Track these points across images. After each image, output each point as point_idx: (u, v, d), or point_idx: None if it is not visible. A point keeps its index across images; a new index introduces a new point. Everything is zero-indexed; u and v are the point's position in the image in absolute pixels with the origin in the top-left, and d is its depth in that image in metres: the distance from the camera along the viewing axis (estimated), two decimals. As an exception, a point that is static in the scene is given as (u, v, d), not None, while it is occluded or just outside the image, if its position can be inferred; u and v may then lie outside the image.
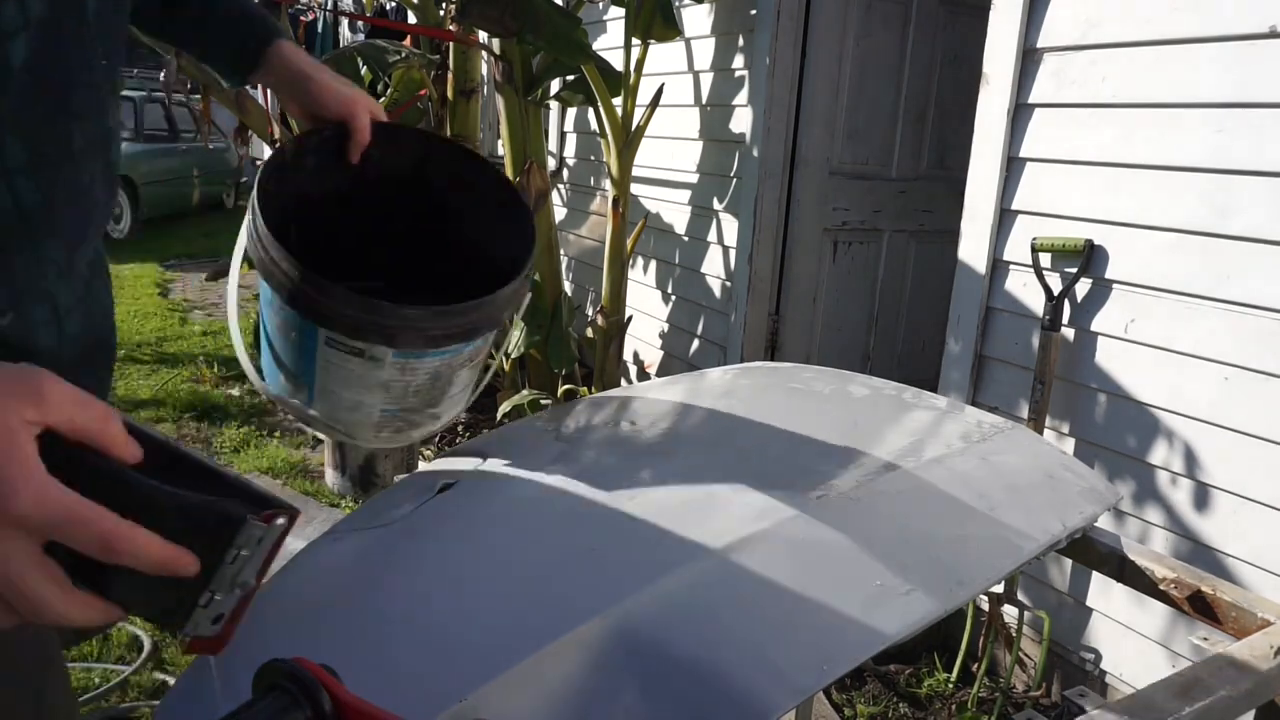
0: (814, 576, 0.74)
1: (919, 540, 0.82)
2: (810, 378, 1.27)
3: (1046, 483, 0.99)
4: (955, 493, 0.90)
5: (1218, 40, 1.83)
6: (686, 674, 0.63)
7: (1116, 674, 2.14)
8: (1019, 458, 1.03)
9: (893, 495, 0.87)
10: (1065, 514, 0.93)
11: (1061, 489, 0.99)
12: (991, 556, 0.82)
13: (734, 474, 0.90)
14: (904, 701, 2.31)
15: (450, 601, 0.72)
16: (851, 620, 0.70)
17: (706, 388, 1.26)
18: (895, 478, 0.90)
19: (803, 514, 0.81)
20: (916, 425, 1.13)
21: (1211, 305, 1.88)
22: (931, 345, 3.43)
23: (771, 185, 3.32)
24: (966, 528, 0.85)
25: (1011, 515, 0.89)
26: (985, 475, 0.96)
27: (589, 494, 0.85)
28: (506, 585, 0.74)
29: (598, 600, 0.68)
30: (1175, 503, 1.99)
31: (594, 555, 0.76)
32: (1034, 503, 0.94)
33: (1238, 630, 0.95)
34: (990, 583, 0.81)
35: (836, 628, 0.69)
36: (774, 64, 3.21)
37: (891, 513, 0.85)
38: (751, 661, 0.65)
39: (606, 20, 4.22)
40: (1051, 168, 2.19)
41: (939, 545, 0.81)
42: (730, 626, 0.68)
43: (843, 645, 0.67)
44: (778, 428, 1.06)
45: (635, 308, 3.92)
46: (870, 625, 0.69)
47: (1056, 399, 2.19)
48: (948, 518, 0.86)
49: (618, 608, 0.67)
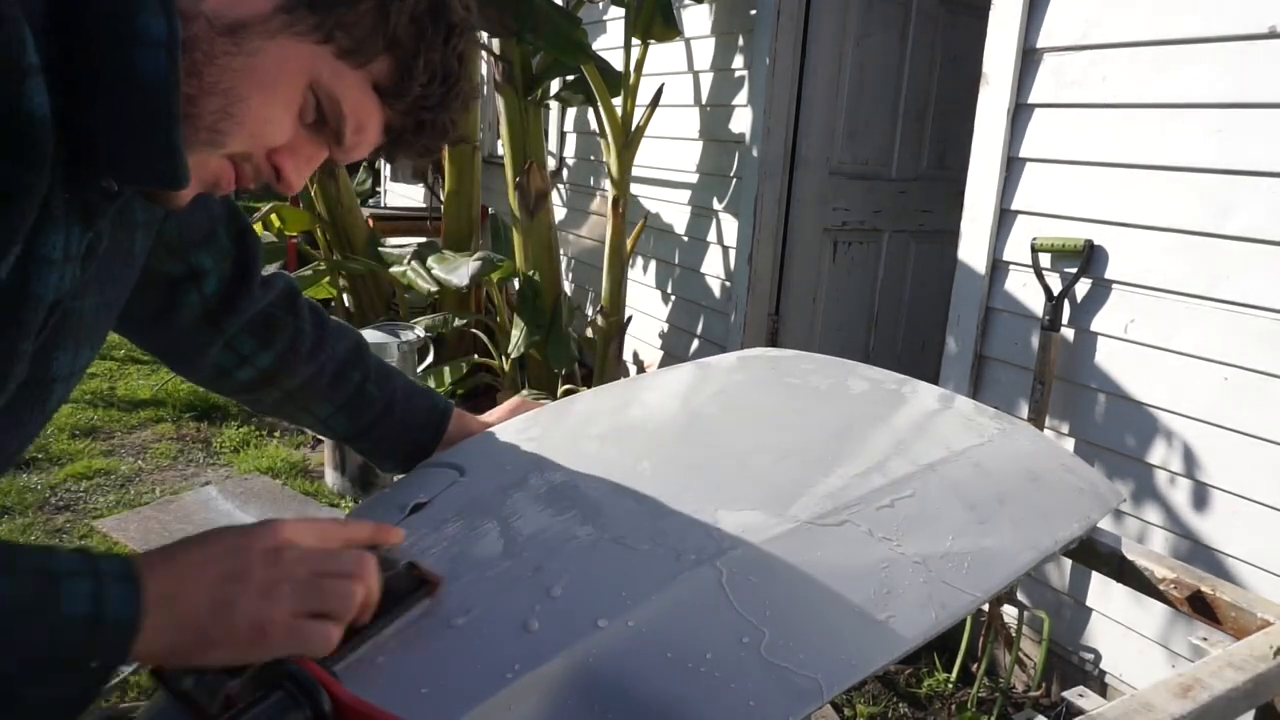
0: (793, 600, 0.71)
1: (904, 559, 0.78)
2: (810, 369, 1.23)
3: (1047, 486, 0.97)
4: (949, 502, 0.87)
5: (1218, 40, 1.83)
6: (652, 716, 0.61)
7: (1116, 674, 2.14)
8: (1019, 460, 1.00)
9: (880, 508, 0.83)
10: (1065, 521, 0.91)
11: (1062, 492, 0.97)
12: (981, 571, 0.79)
13: (711, 486, 0.86)
14: (904, 701, 2.31)
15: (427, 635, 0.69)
16: (839, 644, 0.68)
17: (696, 384, 1.22)
18: (887, 488, 0.86)
19: (781, 533, 0.77)
20: (914, 423, 1.11)
21: (1211, 305, 1.87)
22: (931, 345, 3.43)
23: (771, 185, 3.32)
24: (959, 542, 0.82)
25: (1006, 527, 0.86)
26: (982, 481, 0.93)
27: (557, 512, 0.82)
28: (477, 614, 0.70)
29: (560, 636, 0.65)
30: (1175, 503, 1.99)
31: (558, 584, 0.72)
32: (1032, 510, 0.92)
33: (1237, 630, 0.95)
34: (981, 600, 0.78)
35: (815, 658, 0.66)
36: (774, 64, 3.21)
37: (877, 529, 0.80)
38: (718, 701, 0.62)
39: (606, 20, 4.22)
40: (1051, 168, 2.19)
41: (929, 562, 0.78)
42: (694, 663, 0.64)
43: (829, 671, 0.65)
44: (766, 429, 1.02)
45: (635, 308, 3.92)
46: (858, 651, 0.68)
47: (1056, 399, 2.19)
48: (938, 531, 0.82)
49: (578, 646, 0.64)
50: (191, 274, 0.86)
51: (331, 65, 0.63)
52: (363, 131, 0.68)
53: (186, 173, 0.60)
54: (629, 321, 3.63)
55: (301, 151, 0.67)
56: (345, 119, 0.66)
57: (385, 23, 0.63)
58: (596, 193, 4.45)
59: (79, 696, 0.54)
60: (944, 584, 0.76)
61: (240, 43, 0.59)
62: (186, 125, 0.59)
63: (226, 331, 0.91)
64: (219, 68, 0.59)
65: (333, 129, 0.66)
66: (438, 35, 0.66)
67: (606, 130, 3.37)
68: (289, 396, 0.97)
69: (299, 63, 0.62)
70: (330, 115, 0.65)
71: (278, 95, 0.62)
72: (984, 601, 0.79)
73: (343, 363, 0.98)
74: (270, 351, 0.94)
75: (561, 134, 4.78)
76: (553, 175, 4.66)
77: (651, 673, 0.64)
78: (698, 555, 0.73)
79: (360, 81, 0.65)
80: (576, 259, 4.68)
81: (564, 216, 4.70)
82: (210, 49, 0.59)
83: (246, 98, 0.61)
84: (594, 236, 4.43)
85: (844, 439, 1.00)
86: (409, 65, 0.66)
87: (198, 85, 0.59)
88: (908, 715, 2.27)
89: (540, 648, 0.64)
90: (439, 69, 0.67)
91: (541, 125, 3.87)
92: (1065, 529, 0.90)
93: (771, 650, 0.65)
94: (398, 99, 0.67)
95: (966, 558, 0.80)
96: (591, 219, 4.52)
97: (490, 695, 0.61)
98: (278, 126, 0.64)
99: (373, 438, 1.01)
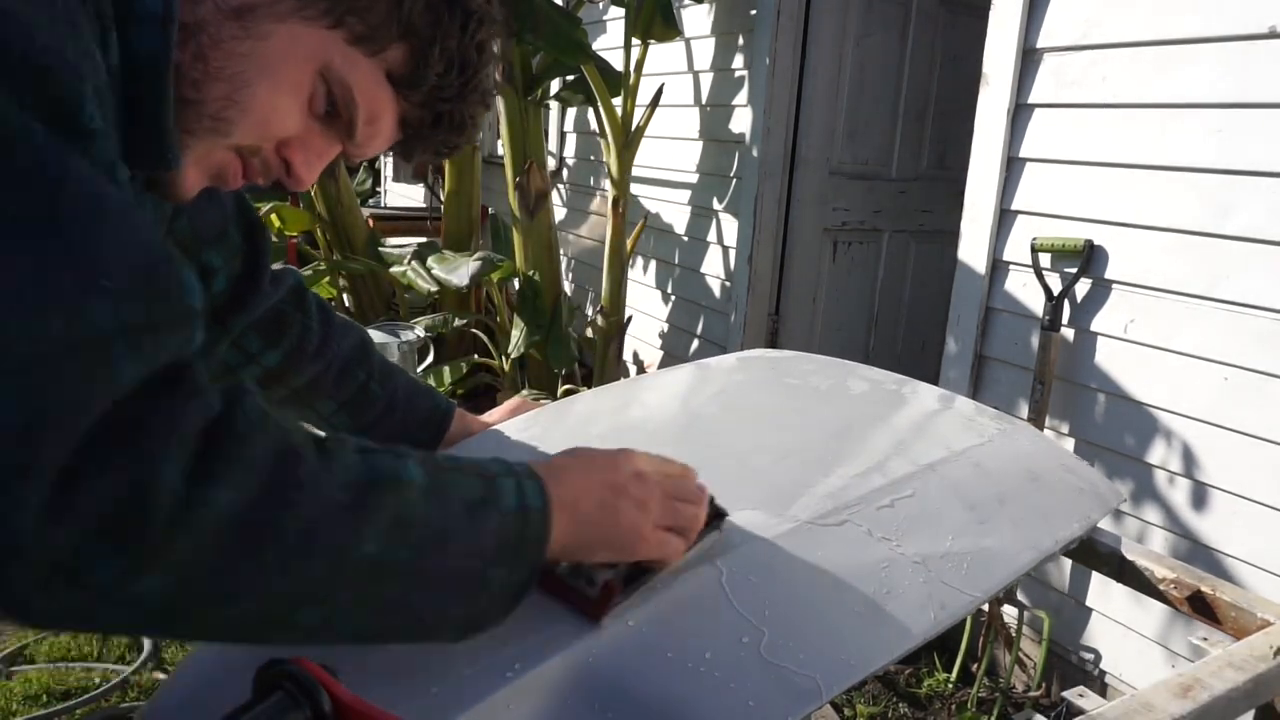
0: (793, 600, 0.71)
1: (904, 559, 0.78)
2: (810, 370, 1.23)
3: (1047, 486, 0.97)
4: (949, 502, 0.87)
5: (1218, 40, 1.83)
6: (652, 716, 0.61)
7: (1116, 674, 2.14)
8: (1019, 460, 1.00)
9: (881, 508, 0.83)
10: (1065, 521, 0.91)
11: (1062, 492, 0.97)
12: (981, 571, 0.79)
13: (710, 485, 0.84)
14: (904, 701, 2.31)
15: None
16: (838, 644, 0.68)
17: (696, 384, 1.22)
18: (887, 488, 0.86)
19: (781, 533, 0.76)
20: (914, 424, 1.11)
21: (1211, 305, 1.87)
22: (931, 345, 3.43)
23: (771, 185, 3.32)
24: (959, 542, 0.81)
25: (1006, 527, 0.86)
26: (982, 481, 0.93)
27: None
28: None
29: (560, 635, 0.65)
30: (1175, 503, 1.99)
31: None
32: (1032, 510, 0.92)
33: (1237, 630, 0.94)
34: (981, 601, 0.78)
35: (815, 658, 0.66)
36: (774, 64, 3.21)
37: (877, 529, 0.80)
38: (718, 700, 0.62)
39: (606, 20, 4.22)
40: (1051, 168, 2.19)
41: (929, 561, 0.78)
42: (693, 663, 0.64)
43: (828, 671, 0.65)
44: (766, 429, 1.01)
45: (635, 308, 3.92)
46: (858, 651, 0.67)
47: (1056, 399, 2.19)
48: (938, 532, 0.82)
49: (578, 645, 0.64)
50: (200, 272, 0.86)
51: (343, 51, 0.61)
52: (376, 123, 0.66)
53: (176, 154, 0.58)
54: (629, 321, 3.63)
55: (312, 145, 0.65)
56: (358, 109, 0.63)
57: (399, 8, 0.61)
58: (596, 193, 4.45)
59: (526, 581, 0.59)
60: (943, 584, 0.76)
61: (248, 26, 0.58)
62: (190, 111, 0.58)
63: (233, 329, 0.90)
64: (225, 52, 0.57)
65: (345, 120, 0.64)
66: (454, 22, 0.64)
67: (606, 130, 3.37)
68: (295, 395, 0.97)
69: (309, 48, 0.60)
70: (342, 105, 0.63)
71: (286, 82, 0.60)
72: (984, 601, 0.79)
73: (348, 360, 0.98)
74: (277, 350, 0.93)
75: (561, 134, 4.78)
76: (553, 175, 4.66)
77: (651, 672, 0.64)
78: (699, 555, 0.73)
79: (374, 70, 0.63)
80: (576, 259, 4.68)
81: (564, 216, 4.70)
82: (217, 32, 0.57)
83: (253, 84, 0.59)
84: (594, 236, 4.43)
85: (844, 439, 1.00)
86: (425, 53, 0.63)
87: (203, 70, 0.57)
88: (908, 715, 2.27)
89: (540, 647, 0.64)
90: (456, 57, 0.65)
91: (541, 125, 3.87)
92: (1065, 529, 0.90)
93: (771, 650, 0.66)
94: (413, 89, 0.65)
95: (966, 558, 0.80)
96: (591, 219, 4.52)
97: (490, 695, 0.61)
98: (286, 116, 0.62)
99: (374, 436, 1.01)
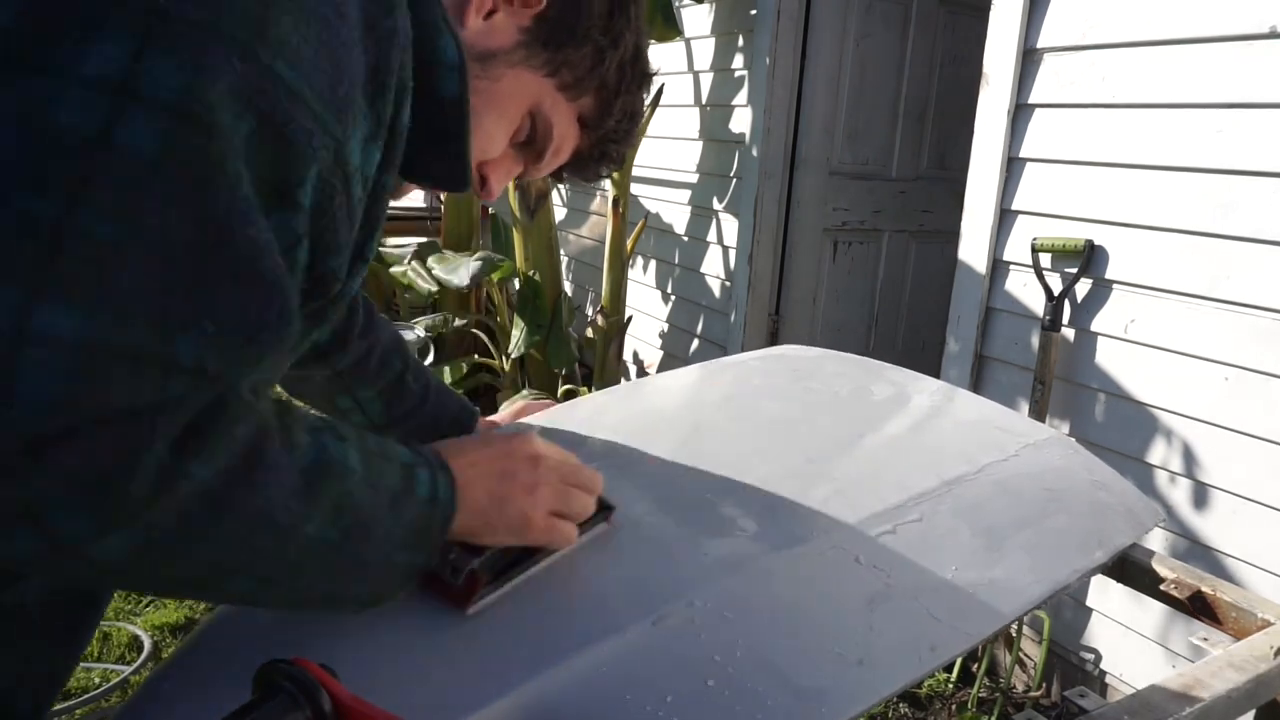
0: (765, 640, 0.68)
1: (896, 592, 0.73)
2: (834, 373, 1.17)
3: (1073, 507, 0.91)
4: (958, 527, 0.83)
5: (1218, 40, 1.83)
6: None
7: (1116, 674, 2.14)
8: (1044, 477, 0.94)
9: (881, 534, 0.79)
10: (1087, 548, 0.85)
11: (1089, 513, 0.91)
12: (981, 608, 0.74)
13: (700, 514, 0.83)
14: (904, 701, 2.31)
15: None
16: (811, 690, 0.64)
17: (706, 387, 1.19)
18: (891, 511, 0.82)
19: (766, 565, 0.74)
20: (934, 437, 1.06)
21: (1211, 305, 1.87)
22: (931, 345, 3.43)
23: (771, 185, 3.32)
24: (963, 574, 0.76)
25: (1019, 555, 0.81)
26: (999, 502, 0.87)
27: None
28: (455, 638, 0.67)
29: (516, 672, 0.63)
30: (1175, 503, 1.99)
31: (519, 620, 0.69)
32: (1052, 535, 0.86)
33: (1238, 630, 0.94)
34: (976, 641, 0.72)
35: (782, 706, 0.62)
36: (774, 64, 3.21)
37: (870, 558, 0.76)
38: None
39: (606, 20, 4.21)
40: (1051, 168, 2.19)
41: (920, 597, 0.73)
42: (652, 706, 0.61)
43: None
44: (774, 443, 0.98)
45: (635, 308, 3.92)
46: (833, 698, 0.63)
47: (1056, 399, 2.19)
48: (939, 562, 0.78)
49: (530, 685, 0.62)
50: None
51: (552, 96, 0.74)
52: (560, 154, 0.79)
53: (470, 178, 0.71)
54: (629, 321, 3.63)
55: (504, 165, 0.77)
56: (551, 142, 0.76)
57: (600, 65, 0.74)
58: (596, 193, 4.45)
59: (424, 563, 0.64)
60: (936, 620, 0.71)
61: (488, 69, 0.69)
62: None
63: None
64: (469, 89, 0.67)
65: (537, 149, 0.77)
66: (634, 81, 0.78)
67: (606, 130, 3.36)
68: (337, 377, 0.99)
69: (528, 91, 0.73)
70: (540, 137, 0.76)
71: (506, 117, 0.73)
72: (980, 642, 0.73)
73: (388, 348, 1.01)
74: (327, 325, 0.95)
75: (561, 134, 4.78)
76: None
77: (610, 715, 0.61)
78: (675, 588, 0.71)
79: (570, 112, 0.76)
80: (576, 259, 4.68)
81: (564, 216, 4.70)
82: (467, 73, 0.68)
83: (482, 115, 0.70)
84: (594, 236, 4.42)
85: (856, 453, 0.97)
86: (610, 103, 0.77)
87: None
88: (908, 715, 2.27)
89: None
90: (630, 110, 0.79)
91: (542, 125, 3.86)
92: (1085, 558, 0.84)
93: (738, 696, 0.62)
94: (594, 131, 0.78)
95: (968, 591, 0.75)
96: (591, 219, 4.52)
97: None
98: (497, 143, 0.74)
99: (405, 428, 1.03)
